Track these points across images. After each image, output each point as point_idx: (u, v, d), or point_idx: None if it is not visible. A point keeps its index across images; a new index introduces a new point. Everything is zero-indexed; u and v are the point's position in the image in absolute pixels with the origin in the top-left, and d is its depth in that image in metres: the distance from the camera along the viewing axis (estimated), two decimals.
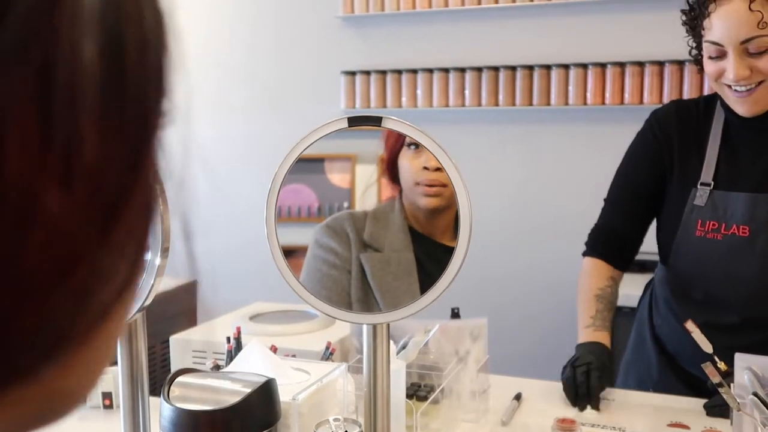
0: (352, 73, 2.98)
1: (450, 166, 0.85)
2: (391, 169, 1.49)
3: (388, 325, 0.99)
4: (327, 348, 1.25)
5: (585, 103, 2.69)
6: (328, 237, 1.45)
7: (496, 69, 2.79)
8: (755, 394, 1.08)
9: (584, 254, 1.54)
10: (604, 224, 1.52)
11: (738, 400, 1.09)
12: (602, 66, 2.66)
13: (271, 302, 1.64)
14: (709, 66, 1.31)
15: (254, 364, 1.01)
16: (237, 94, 3.23)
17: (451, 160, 0.86)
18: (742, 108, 1.30)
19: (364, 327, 0.98)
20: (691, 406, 1.33)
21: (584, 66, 2.68)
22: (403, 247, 1.46)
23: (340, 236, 1.45)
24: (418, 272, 1.45)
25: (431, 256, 1.46)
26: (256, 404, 0.88)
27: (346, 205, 3.36)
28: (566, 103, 2.73)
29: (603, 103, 2.67)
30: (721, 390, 1.04)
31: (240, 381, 0.89)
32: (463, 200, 0.86)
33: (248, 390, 0.87)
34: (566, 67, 2.70)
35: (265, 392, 0.89)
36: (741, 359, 1.16)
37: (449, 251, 1.19)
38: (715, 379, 1.04)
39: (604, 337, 1.40)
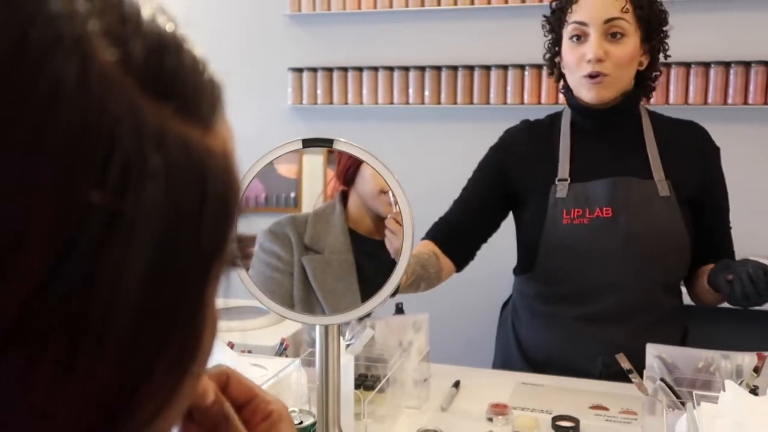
0: (299, 70, 3.06)
1: (396, 186, 0.96)
2: (347, 175, 1.56)
3: (339, 326, 1.09)
4: (281, 344, 1.35)
5: (522, 102, 2.83)
6: (270, 242, 1.53)
7: (438, 68, 2.90)
8: (662, 380, 1.22)
9: (422, 239, 1.62)
10: (446, 218, 1.62)
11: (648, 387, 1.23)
12: (539, 68, 2.79)
13: (222, 298, 1.72)
14: (570, 54, 1.45)
15: (215, 361, 1.10)
16: None
17: (396, 181, 0.97)
18: (592, 94, 1.43)
19: (317, 327, 1.08)
20: (609, 389, 1.47)
21: (522, 67, 2.81)
22: (343, 248, 1.54)
23: (282, 240, 1.53)
24: (358, 272, 1.54)
25: (369, 254, 1.55)
26: None
27: (293, 195, 3.43)
28: (505, 102, 2.86)
29: (539, 102, 2.81)
30: (631, 376, 1.18)
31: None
32: (407, 218, 0.97)
33: None
34: (505, 67, 2.83)
35: None
36: (652, 348, 1.30)
37: (383, 245, 1.29)
38: (626, 365, 1.18)
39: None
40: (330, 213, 1.57)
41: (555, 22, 1.50)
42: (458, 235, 1.60)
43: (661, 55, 1.50)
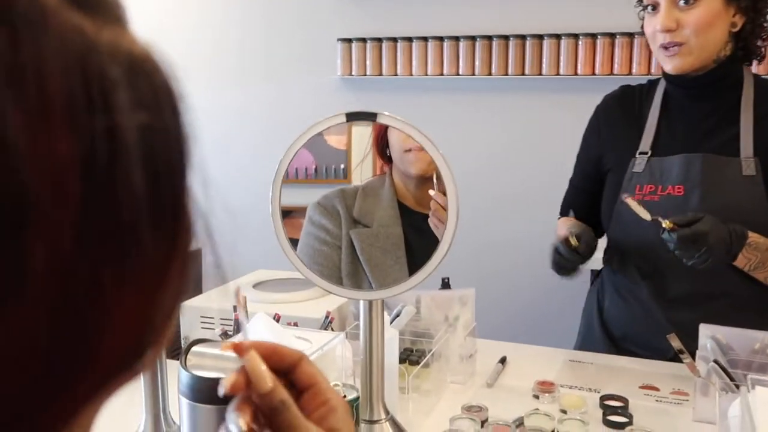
0: (349, 41, 3.03)
1: (438, 158, 0.94)
2: (380, 145, 1.56)
3: (383, 300, 1.09)
4: (326, 317, 1.35)
5: (576, 73, 2.76)
6: (319, 215, 1.53)
7: (489, 38, 2.84)
8: (716, 362, 1.19)
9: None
10: (569, 202, 1.65)
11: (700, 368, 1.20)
12: (593, 36, 2.72)
13: (270, 269, 1.74)
14: (648, 26, 1.40)
15: (261, 335, 1.11)
16: (234, 62, 3.28)
17: (438, 152, 0.95)
18: (670, 65, 1.38)
19: (361, 302, 1.08)
20: (661, 369, 1.43)
21: (575, 36, 2.74)
22: (392, 222, 1.54)
23: (331, 214, 1.53)
24: (405, 246, 1.54)
25: (417, 228, 1.54)
26: None
27: (342, 166, 3.43)
28: (557, 73, 2.79)
29: (593, 73, 2.74)
30: (682, 357, 1.15)
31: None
32: (451, 192, 0.95)
33: None
34: (558, 36, 2.76)
35: None
36: (705, 328, 1.26)
37: None
38: (677, 346, 1.15)
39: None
40: (379, 187, 1.56)
41: None
42: (585, 217, 1.60)
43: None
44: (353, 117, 0.97)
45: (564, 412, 1.24)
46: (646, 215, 1.31)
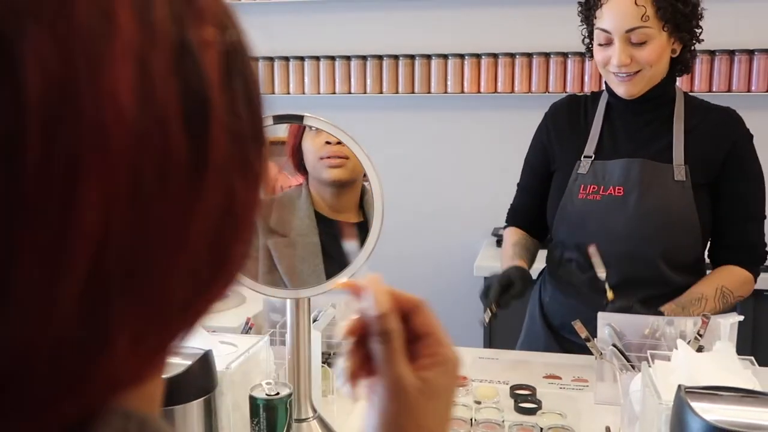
0: None
1: (365, 160, 0.98)
2: (295, 156, 1.58)
3: (309, 299, 1.12)
4: (246, 323, 1.36)
5: (479, 91, 2.88)
6: None
7: (380, 57, 2.93)
8: (614, 345, 1.30)
9: (504, 228, 1.75)
10: (517, 205, 1.73)
11: (601, 351, 1.30)
12: (494, 56, 2.86)
13: None
14: (598, 54, 1.51)
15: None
16: None
17: (364, 152, 1.00)
18: (622, 90, 1.51)
19: (288, 301, 1.10)
20: (561, 360, 1.53)
21: (478, 56, 2.86)
22: (309, 231, 1.56)
23: None
24: (323, 254, 1.56)
25: (334, 237, 1.57)
26: (197, 373, 0.98)
27: None
28: (446, 91, 2.91)
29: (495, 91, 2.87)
30: (587, 343, 1.25)
31: (180, 354, 0.99)
32: (377, 192, 0.99)
33: (189, 361, 0.98)
34: (445, 57, 2.89)
35: (204, 363, 1.00)
36: (602, 317, 1.37)
37: (352, 226, 1.31)
38: (583, 334, 1.25)
39: (521, 263, 1.59)
40: (296, 197, 1.58)
41: (586, 18, 1.55)
42: (532, 218, 1.69)
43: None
44: (280, 119, 1.00)
45: (479, 402, 1.31)
46: (601, 273, 1.43)
